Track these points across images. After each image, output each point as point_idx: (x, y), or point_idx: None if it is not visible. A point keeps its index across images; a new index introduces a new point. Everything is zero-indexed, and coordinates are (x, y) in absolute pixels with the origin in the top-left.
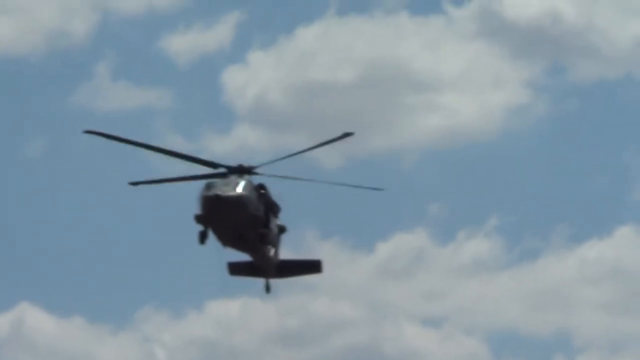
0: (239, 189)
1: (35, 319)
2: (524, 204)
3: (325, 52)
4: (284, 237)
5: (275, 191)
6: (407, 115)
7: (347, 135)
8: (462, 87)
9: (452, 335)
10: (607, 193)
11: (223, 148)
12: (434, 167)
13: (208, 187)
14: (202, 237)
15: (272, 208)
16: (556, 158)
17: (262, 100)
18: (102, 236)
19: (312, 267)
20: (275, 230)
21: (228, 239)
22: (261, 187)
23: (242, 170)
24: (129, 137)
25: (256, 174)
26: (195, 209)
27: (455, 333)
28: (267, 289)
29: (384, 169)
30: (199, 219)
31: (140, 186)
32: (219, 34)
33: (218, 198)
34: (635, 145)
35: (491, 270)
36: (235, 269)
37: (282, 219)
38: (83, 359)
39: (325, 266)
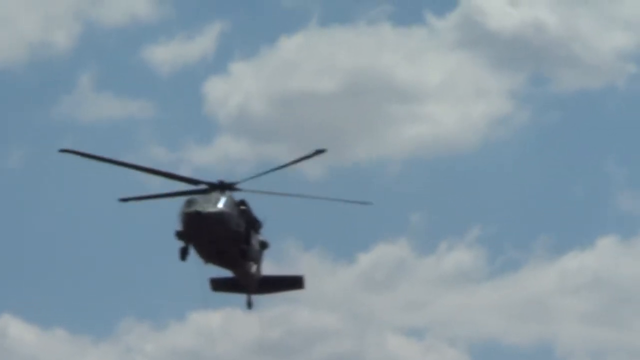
0: (220, 205)
1: (17, 330)
2: (506, 215)
3: (308, 62)
4: (266, 252)
5: (257, 206)
6: (389, 125)
7: (319, 152)
8: (445, 97)
9: (434, 345)
10: (589, 203)
11: (205, 159)
12: (417, 177)
13: (189, 203)
14: (183, 254)
15: (253, 224)
16: (538, 168)
17: (245, 110)
18: (84, 248)
19: (294, 282)
20: (256, 246)
21: (209, 255)
22: (242, 203)
23: (223, 187)
24: (110, 151)
25: (237, 189)
26: (177, 224)
27: (437, 344)
28: (249, 304)
29: (367, 179)
30: (179, 235)
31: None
32: (201, 44)
33: (198, 214)
34: (617, 156)
35: (473, 281)
36: (217, 284)
37: (264, 231)
38: None
39: (307, 277)
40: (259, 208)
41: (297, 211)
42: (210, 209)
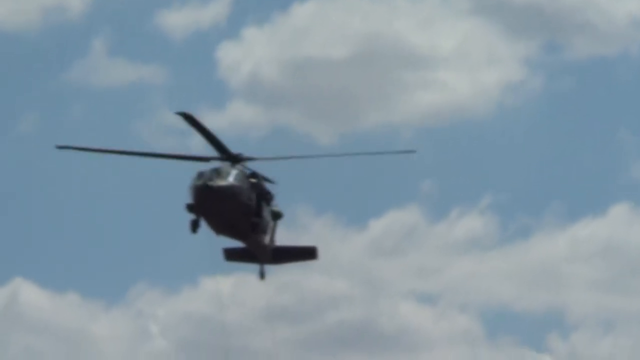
0: (230, 179)
1: (30, 294)
2: (518, 182)
3: (321, 28)
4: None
5: (269, 170)
6: (402, 91)
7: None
8: (458, 64)
9: (445, 312)
10: (601, 171)
11: (217, 124)
12: (428, 143)
13: (199, 176)
14: (194, 226)
15: (264, 196)
16: (551, 135)
17: (257, 76)
18: (97, 213)
19: (308, 253)
20: (268, 218)
21: (220, 228)
22: (253, 175)
23: (234, 159)
24: (122, 116)
25: (249, 159)
26: (187, 197)
27: (448, 310)
28: (262, 275)
29: (378, 146)
30: (190, 208)
31: (134, 157)
32: (214, 9)
33: (208, 188)
34: (631, 123)
35: (484, 248)
36: (231, 254)
37: (276, 196)
38: (77, 334)
39: (319, 243)
40: (271, 172)
41: (309, 177)
42: (220, 182)
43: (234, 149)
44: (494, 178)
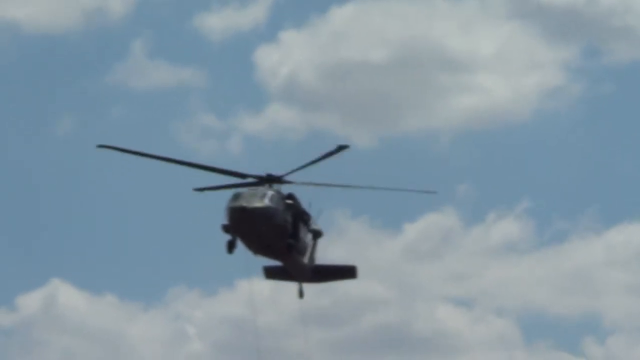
0: (266, 201)
1: (67, 296)
2: (555, 186)
3: (359, 32)
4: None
5: (305, 197)
6: (440, 96)
7: (342, 148)
8: (497, 68)
9: (482, 316)
10: (639, 176)
11: (255, 127)
12: (467, 148)
13: (235, 197)
14: (230, 247)
15: (301, 217)
16: (589, 140)
17: (295, 79)
18: (137, 216)
19: (347, 272)
20: (305, 239)
21: (256, 249)
22: (290, 196)
23: (271, 180)
24: (161, 118)
25: (286, 182)
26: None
27: (485, 314)
28: (301, 294)
29: (417, 150)
30: (226, 228)
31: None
32: (253, 13)
33: (244, 209)
34: None
35: (520, 252)
36: (270, 273)
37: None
38: (114, 336)
39: (355, 245)
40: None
41: (346, 179)
42: (256, 204)
43: (271, 152)
44: (531, 182)
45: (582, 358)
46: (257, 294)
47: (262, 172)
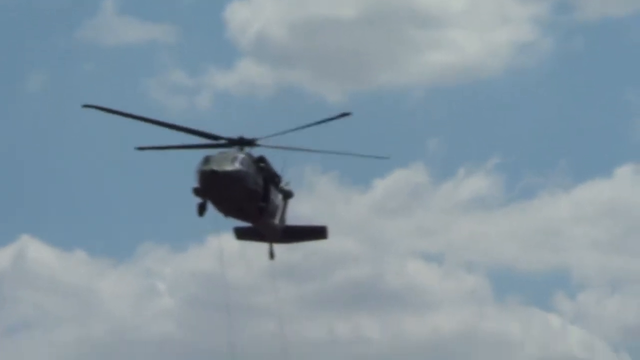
0: (237, 164)
1: (37, 252)
2: (525, 142)
3: None
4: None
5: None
6: (411, 51)
7: (344, 115)
8: (468, 23)
9: (451, 271)
10: (608, 132)
11: (226, 83)
12: (438, 103)
13: (206, 161)
14: (201, 210)
15: (272, 179)
16: (559, 96)
17: (266, 35)
18: (106, 171)
19: (318, 233)
20: (276, 200)
21: (227, 211)
22: (261, 159)
23: (242, 142)
24: (131, 75)
25: (257, 145)
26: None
27: (453, 269)
28: (271, 255)
29: (388, 105)
30: (197, 192)
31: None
32: None
33: (214, 173)
34: (639, 85)
35: (489, 208)
36: (241, 234)
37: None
38: (84, 291)
39: (325, 202)
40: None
41: (316, 135)
42: (227, 168)
43: (241, 108)
44: (502, 138)
45: (553, 313)
46: (227, 250)
47: (234, 135)
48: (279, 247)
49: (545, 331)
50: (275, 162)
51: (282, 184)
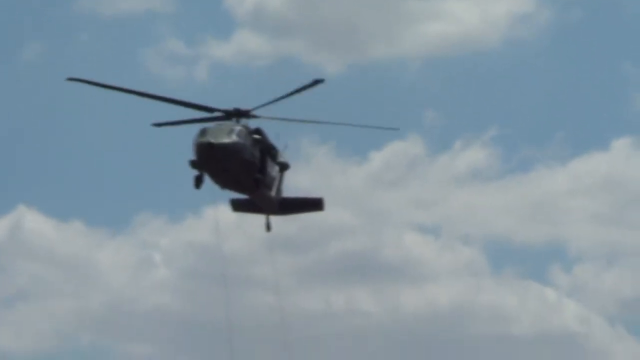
0: (233, 136)
1: (34, 223)
2: (523, 114)
3: None
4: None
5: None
6: (409, 22)
7: (317, 82)
8: None
9: (447, 243)
10: (606, 105)
11: (223, 53)
12: (435, 75)
13: (202, 133)
14: (198, 182)
15: (269, 151)
16: (557, 68)
17: (263, 6)
18: (104, 142)
19: (314, 204)
20: (273, 172)
21: (224, 184)
22: (257, 131)
23: (238, 114)
24: (129, 45)
25: (253, 117)
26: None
27: (450, 242)
28: (268, 227)
29: (385, 76)
30: (193, 164)
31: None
32: None
33: (211, 145)
34: (637, 58)
35: (486, 180)
36: (237, 206)
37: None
38: (81, 262)
39: (322, 173)
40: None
41: (314, 106)
42: (223, 140)
43: (239, 78)
44: (499, 110)
45: (549, 286)
46: (224, 222)
47: (230, 106)
48: (275, 219)
49: (542, 304)
50: (272, 133)
51: (279, 155)
